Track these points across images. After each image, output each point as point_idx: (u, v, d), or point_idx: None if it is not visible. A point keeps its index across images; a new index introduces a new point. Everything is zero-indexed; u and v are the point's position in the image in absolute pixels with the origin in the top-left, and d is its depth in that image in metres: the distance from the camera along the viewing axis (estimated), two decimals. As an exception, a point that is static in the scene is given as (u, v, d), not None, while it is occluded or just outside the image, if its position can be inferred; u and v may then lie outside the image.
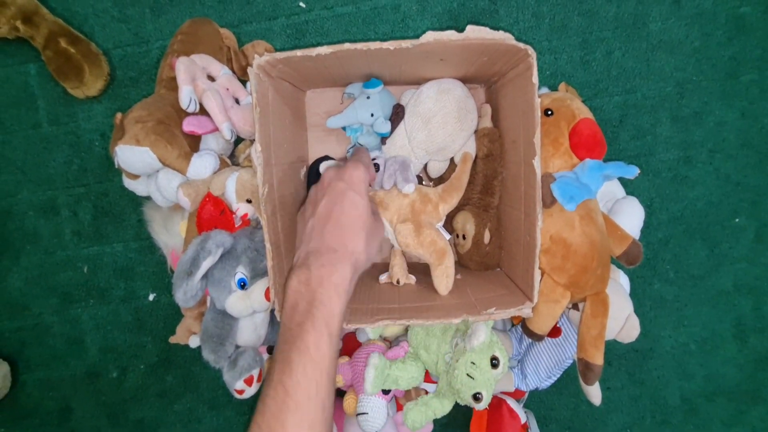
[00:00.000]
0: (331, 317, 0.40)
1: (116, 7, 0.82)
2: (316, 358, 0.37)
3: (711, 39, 0.81)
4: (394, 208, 0.63)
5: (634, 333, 0.63)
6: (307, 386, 0.36)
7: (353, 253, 0.44)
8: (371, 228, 0.48)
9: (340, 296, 0.41)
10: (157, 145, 0.62)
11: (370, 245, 0.47)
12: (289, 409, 0.35)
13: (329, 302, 0.40)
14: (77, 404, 0.91)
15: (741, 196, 0.85)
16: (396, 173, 0.63)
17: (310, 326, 0.39)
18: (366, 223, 0.47)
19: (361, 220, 0.46)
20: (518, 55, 0.54)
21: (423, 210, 0.63)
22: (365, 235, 0.46)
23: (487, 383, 0.59)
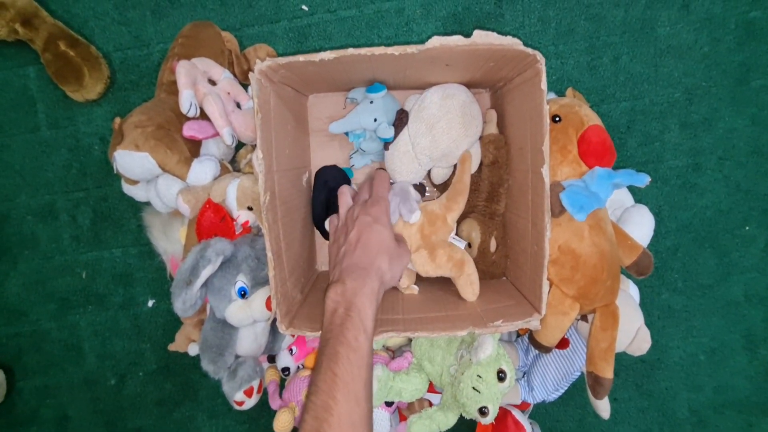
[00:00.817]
0: (366, 318, 0.48)
1: (117, 10, 0.81)
2: (356, 348, 0.46)
3: (720, 44, 0.80)
4: (404, 238, 0.63)
5: (645, 346, 0.61)
6: (350, 369, 0.44)
7: (379, 269, 0.53)
8: (395, 252, 0.56)
9: (372, 302, 0.50)
10: (156, 151, 0.60)
11: (394, 266, 0.56)
12: (338, 387, 0.43)
13: (363, 307, 0.49)
14: (75, 412, 0.89)
15: (751, 204, 0.83)
16: (399, 206, 0.62)
17: (350, 325, 0.47)
18: (390, 247, 0.56)
19: (384, 244, 0.55)
20: (526, 60, 0.53)
21: (433, 231, 0.62)
22: (389, 258, 0.55)
23: (494, 397, 0.58)
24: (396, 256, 0.57)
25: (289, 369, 0.73)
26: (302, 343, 0.74)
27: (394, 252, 0.57)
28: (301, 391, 0.67)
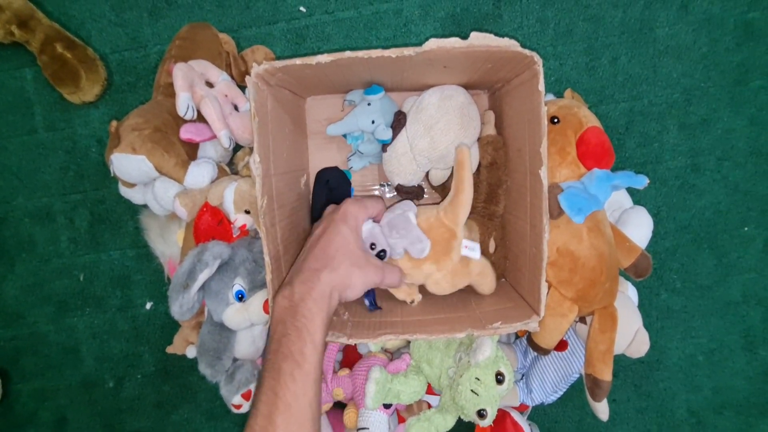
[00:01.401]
0: (314, 327, 0.44)
1: (113, 11, 0.81)
2: (301, 363, 0.42)
3: (719, 45, 0.80)
4: (420, 274, 0.59)
5: (644, 348, 0.61)
6: (294, 389, 0.41)
7: (332, 273, 0.48)
8: (357, 260, 0.50)
9: (321, 309, 0.45)
10: (153, 154, 0.60)
11: (353, 276, 0.49)
12: (278, 410, 0.40)
13: (310, 314, 0.44)
14: (73, 414, 0.89)
15: (750, 204, 0.83)
16: (399, 242, 0.56)
17: (295, 337, 0.43)
18: (352, 253, 0.50)
19: (346, 249, 0.50)
20: (524, 62, 0.53)
21: (444, 249, 0.57)
22: (349, 264, 0.49)
23: (492, 400, 0.58)
24: (359, 265, 0.50)
25: (288, 371, 0.73)
26: (300, 346, 0.73)
27: (357, 260, 0.50)
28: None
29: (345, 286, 0.48)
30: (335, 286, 0.47)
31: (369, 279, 0.51)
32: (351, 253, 0.50)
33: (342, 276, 0.48)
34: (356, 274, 0.49)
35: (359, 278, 0.50)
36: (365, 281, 0.50)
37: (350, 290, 0.49)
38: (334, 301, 0.47)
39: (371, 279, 0.51)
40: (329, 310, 0.47)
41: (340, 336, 0.54)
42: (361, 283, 0.50)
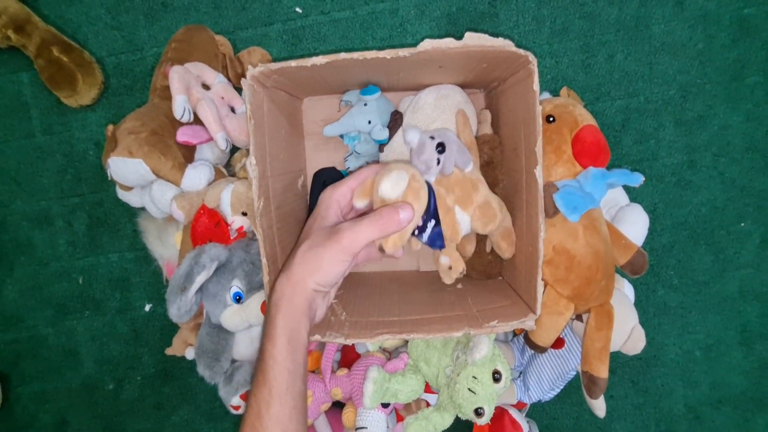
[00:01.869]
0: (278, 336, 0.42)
1: (109, 14, 0.81)
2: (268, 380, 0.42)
3: (715, 41, 0.80)
4: (467, 192, 0.55)
5: (640, 345, 0.62)
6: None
7: (287, 272, 0.45)
8: (316, 239, 0.46)
9: (286, 315, 0.43)
10: (150, 157, 0.60)
11: (313, 260, 0.45)
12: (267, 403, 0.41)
13: (274, 324, 0.43)
14: (73, 417, 0.90)
15: (746, 200, 0.83)
16: (455, 153, 0.54)
17: (266, 342, 0.43)
18: (309, 236, 0.46)
19: (306, 235, 0.47)
20: (518, 61, 0.53)
21: (483, 181, 0.58)
22: (306, 249, 0.45)
23: (489, 398, 0.58)
24: (317, 244, 0.45)
25: (287, 372, 0.73)
26: (299, 346, 0.74)
27: (317, 239, 0.45)
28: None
29: (307, 275, 0.44)
30: (295, 283, 0.44)
31: (335, 251, 0.44)
32: (307, 239, 0.46)
33: (297, 268, 0.44)
34: (315, 255, 0.44)
35: (321, 258, 0.44)
36: (332, 256, 0.44)
37: (315, 275, 0.44)
38: (300, 297, 0.44)
39: (338, 249, 0.44)
40: (295, 311, 0.43)
41: (338, 336, 0.54)
42: (327, 262, 0.44)
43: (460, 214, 0.55)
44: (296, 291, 0.43)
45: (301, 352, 0.44)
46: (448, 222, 0.55)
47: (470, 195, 0.56)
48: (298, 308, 0.43)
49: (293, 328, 0.43)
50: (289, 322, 0.43)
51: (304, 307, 0.44)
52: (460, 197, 0.55)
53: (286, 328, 0.42)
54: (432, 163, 0.53)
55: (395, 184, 0.48)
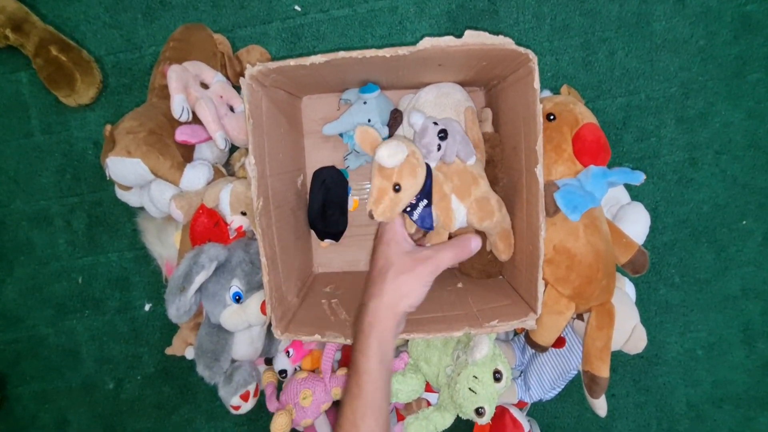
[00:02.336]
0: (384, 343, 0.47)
1: (108, 13, 0.81)
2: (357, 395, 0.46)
3: (716, 38, 0.79)
4: (466, 183, 0.56)
5: (641, 344, 0.61)
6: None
7: (378, 299, 0.49)
8: (402, 267, 0.50)
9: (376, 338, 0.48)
10: (148, 156, 0.60)
11: (403, 285, 0.49)
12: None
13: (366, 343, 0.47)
14: (73, 416, 0.90)
15: (748, 198, 0.83)
16: (459, 143, 0.55)
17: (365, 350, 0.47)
18: (392, 264, 0.50)
19: (386, 264, 0.51)
20: (519, 59, 0.52)
21: (484, 177, 0.58)
22: (393, 276, 0.49)
23: (490, 397, 0.58)
24: (405, 270, 0.50)
25: (286, 371, 0.73)
26: (299, 346, 0.74)
27: (402, 267, 0.50)
28: (298, 393, 0.67)
29: (399, 299, 0.48)
30: (388, 306, 0.48)
31: (423, 276, 0.49)
32: (392, 266, 0.50)
33: (390, 294, 0.48)
34: (405, 280, 0.49)
35: (411, 283, 0.49)
36: (420, 281, 0.49)
37: (407, 299, 0.49)
38: (392, 320, 0.48)
39: (425, 273, 0.49)
40: (387, 334, 0.48)
41: (338, 336, 0.54)
42: (416, 286, 0.49)
43: (456, 203, 0.56)
44: (389, 315, 0.48)
45: (389, 371, 0.48)
46: (443, 207, 0.55)
47: (469, 187, 0.56)
48: (389, 330, 0.48)
49: (384, 350, 0.47)
50: (381, 343, 0.47)
51: (393, 329, 0.48)
52: (458, 187, 0.55)
53: (379, 349, 0.46)
54: (432, 148, 0.53)
55: (392, 154, 0.49)
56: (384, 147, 0.49)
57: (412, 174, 0.51)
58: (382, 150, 0.49)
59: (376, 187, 0.51)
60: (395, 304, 0.48)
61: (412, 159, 0.51)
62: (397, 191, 0.51)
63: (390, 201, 0.51)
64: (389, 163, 0.49)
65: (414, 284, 0.49)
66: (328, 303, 0.63)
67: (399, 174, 0.51)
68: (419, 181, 0.52)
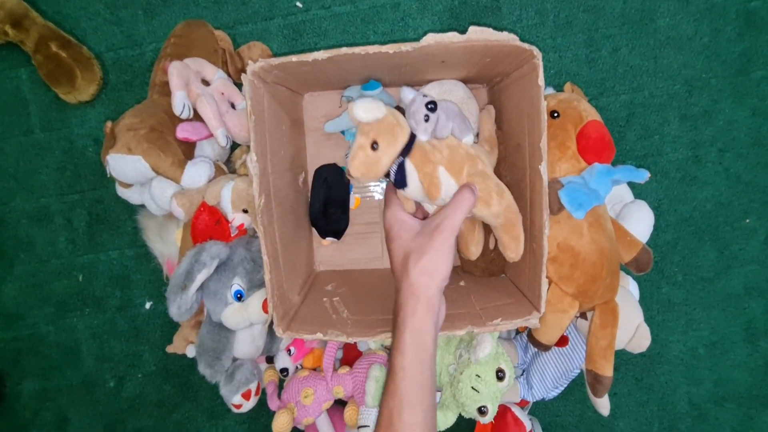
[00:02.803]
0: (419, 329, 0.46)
1: (108, 10, 0.80)
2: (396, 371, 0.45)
3: (721, 35, 0.79)
4: (459, 158, 0.52)
5: (645, 343, 0.61)
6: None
7: (407, 280, 0.47)
8: (420, 244, 0.48)
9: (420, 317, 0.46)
10: (149, 153, 0.60)
11: (429, 260, 0.47)
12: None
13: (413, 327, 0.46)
14: (74, 414, 0.90)
15: (752, 196, 0.83)
16: (454, 119, 0.52)
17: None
18: (407, 245, 0.49)
19: (401, 247, 0.49)
20: (523, 56, 0.52)
21: (486, 160, 0.55)
22: (416, 262, 0.47)
23: (493, 396, 0.57)
24: (424, 245, 0.47)
25: (288, 370, 0.73)
26: (301, 344, 0.73)
27: (420, 244, 0.48)
28: (299, 391, 0.67)
29: (429, 281, 0.46)
30: (418, 296, 0.46)
31: (442, 245, 0.47)
32: (411, 252, 0.48)
33: (417, 281, 0.46)
34: (429, 260, 0.47)
35: (435, 258, 0.47)
36: (441, 251, 0.47)
37: (436, 275, 0.46)
38: (424, 308, 0.46)
39: (442, 241, 0.47)
40: (422, 325, 0.46)
41: (340, 334, 0.54)
42: (440, 258, 0.47)
43: (445, 175, 0.52)
44: (420, 303, 0.45)
45: (429, 362, 0.46)
46: (427, 173, 0.51)
47: (462, 163, 0.52)
48: (425, 319, 0.45)
49: (420, 342, 0.45)
50: (416, 337, 0.45)
51: (429, 316, 0.46)
52: (448, 159, 0.51)
53: (414, 343, 0.45)
54: (419, 117, 0.50)
55: (368, 110, 0.47)
56: (360, 102, 0.48)
57: (391, 133, 0.49)
58: (358, 104, 0.47)
59: (355, 144, 0.49)
60: (426, 287, 0.46)
61: (391, 119, 0.49)
62: (375, 149, 0.49)
63: (366, 158, 0.49)
64: (364, 116, 0.48)
65: (437, 258, 0.47)
66: (329, 301, 0.63)
67: (377, 131, 0.49)
68: (399, 143, 0.50)
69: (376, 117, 0.48)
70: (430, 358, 0.46)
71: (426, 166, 0.51)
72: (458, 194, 0.50)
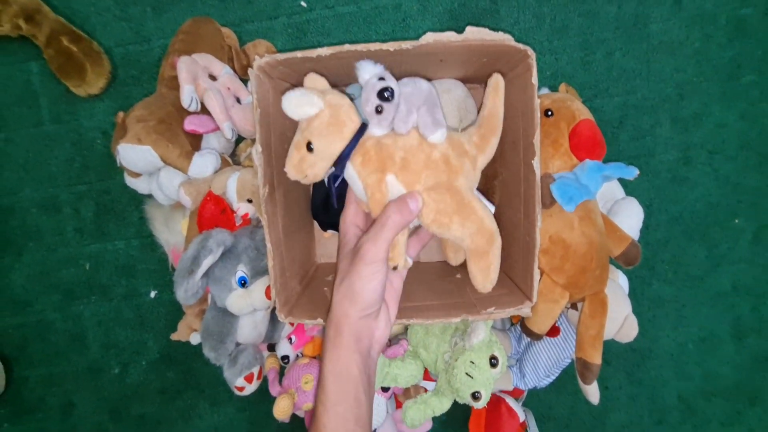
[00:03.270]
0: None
1: (118, 6, 0.83)
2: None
3: (711, 40, 0.81)
4: (417, 164, 0.43)
5: (633, 333, 0.63)
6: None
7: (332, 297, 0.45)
8: (343, 272, 0.44)
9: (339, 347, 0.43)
10: (158, 144, 0.62)
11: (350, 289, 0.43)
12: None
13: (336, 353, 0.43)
14: (79, 400, 0.91)
15: (740, 197, 0.85)
16: (420, 110, 0.42)
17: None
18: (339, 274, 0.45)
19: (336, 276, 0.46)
20: (518, 56, 0.54)
21: (460, 168, 0.45)
22: (338, 285, 0.44)
23: (486, 382, 0.60)
24: (343, 276, 0.43)
25: (289, 357, 0.75)
26: (301, 332, 0.76)
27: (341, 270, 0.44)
28: (300, 378, 0.69)
29: (347, 309, 0.43)
30: (337, 327, 0.43)
31: (361, 270, 0.42)
32: (338, 273, 0.44)
33: (337, 308, 0.43)
34: (350, 285, 0.42)
35: (356, 284, 0.42)
36: (362, 277, 0.42)
37: (355, 304, 0.42)
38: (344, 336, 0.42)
39: (362, 266, 0.42)
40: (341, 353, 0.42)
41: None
42: (361, 284, 0.42)
43: (396, 186, 0.44)
44: (339, 331, 0.42)
45: (352, 391, 0.42)
46: (372, 182, 0.43)
47: (419, 172, 0.43)
48: (345, 347, 0.42)
49: (341, 372, 0.42)
50: (336, 366, 0.42)
51: (350, 343, 0.42)
52: (401, 165, 0.43)
53: (334, 373, 0.42)
54: (369, 108, 0.42)
55: (297, 104, 0.41)
56: (291, 93, 0.40)
57: (326, 134, 0.41)
58: (288, 96, 0.40)
59: (292, 143, 0.44)
60: (343, 316, 0.42)
61: (327, 116, 0.41)
62: (310, 151, 0.42)
63: (300, 160, 0.43)
64: (291, 112, 0.41)
65: (359, 284, 0.42)
66: (330, 290, 0.65)
67: (310, 130, 0.42)
68: (337, 145, 0.42)
69: (307, 114, 0.41)
70: (353, 387, 0.42)
71: (371, 174, 0.43)
72: (385, 210, 0.43)
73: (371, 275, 0.42)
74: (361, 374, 0.42)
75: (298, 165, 0.43)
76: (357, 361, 0.42)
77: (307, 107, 0.41)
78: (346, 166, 0.43)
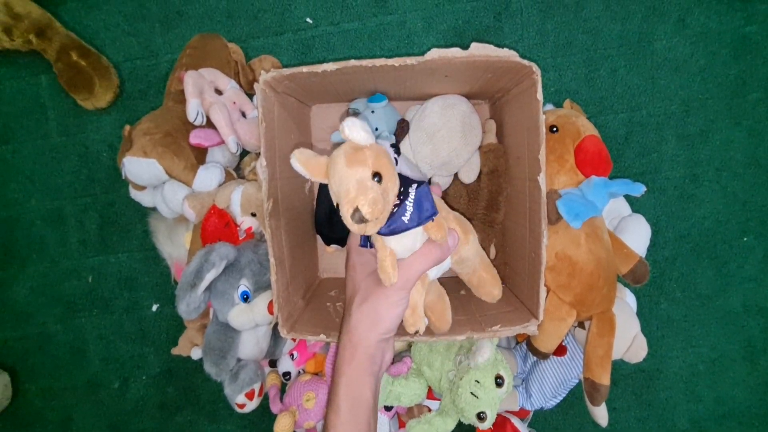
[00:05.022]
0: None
1: (127, 22, 0.84)
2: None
3: (716, 58, 0.81)
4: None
5: (642, 353, 0.62)
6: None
7: (349, 332, 0.44)
8: (367, 291, 0.45)
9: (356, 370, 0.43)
10: (164, 157, 0.62)
11: (372, 310, 0.43)
12: None
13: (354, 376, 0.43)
14: (78, 415, 0.90)
15: (749, 215, 0.84)
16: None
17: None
18: (359, 286, 0.45)
19: (355, 285, 0.46)
20: (523, 72, 0.54)
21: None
22: (359, 306, 0.44)
23: (492, 402, 0.58)
24: (371, 294, 0.43)
25: (290, 374, 0.74)
26: (303, 348, 0.75)
27: (368, 290, 0.44)
28: (301, 395, 0.68)
29: (368, 330, 0.43)
30: (356, 344, 0.43)
31: (390, 296, 0.42)
32: (357, 293, 0.44)
33: (356, 328, 0.43)
34: (372, 307, 0.43)
35: (379, 308, 0.43)
36: (388, 301, 0.43)
37: (377, 327, 0.43)
38: (361, 357, 0.43)
39: (392, 292, 0.42)
40: (358, 374, 0.43)
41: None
42: (385, 309, 0.43)
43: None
44: (357, 351, 0.42)
45: (365, 415, 0.43)
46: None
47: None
48: (361, 369, 0.42)
49: (356, 395, 0.42)
50: (351, 388, 0.42)
51: (366, 366, 0.43)
52: None
53: (348, 396, 0.42)
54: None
55: (365, 129, 0.38)
56: (350, 121, 0.37)
57: (389, 159, 0.39)
58: (353, 125, 0.37)
59: (351, 180, 0.37)
60: (364, 337, 0.42)
61: (378, 145, 0.40)
62: (379, 182, 0.38)
63: (378, 194, 0.37)
64: (364, 138, 0.38)
65: (382, 307, 0.42)
66: (333, 306, 0.65)
67: (375, 160, 0.38)
68: (395, 170, 0.40)
69: (374, 139, 0.39)
70: (366, 410, 0.42)
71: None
72: (432, 245, 0.44)
73: (398, 301, 0.43)
74: (374, 398, 0.43)
75: (380, 202, 0.38)
76: (371, 384, 0.43)
77: (369, 132, 0.39)
78: None
